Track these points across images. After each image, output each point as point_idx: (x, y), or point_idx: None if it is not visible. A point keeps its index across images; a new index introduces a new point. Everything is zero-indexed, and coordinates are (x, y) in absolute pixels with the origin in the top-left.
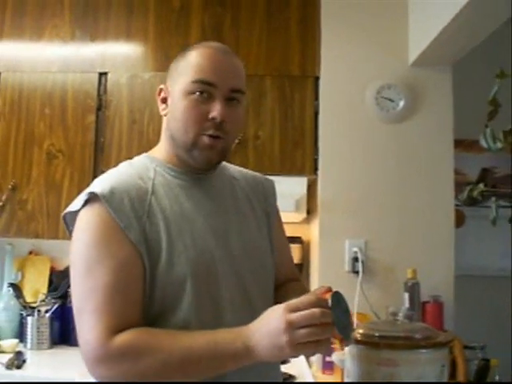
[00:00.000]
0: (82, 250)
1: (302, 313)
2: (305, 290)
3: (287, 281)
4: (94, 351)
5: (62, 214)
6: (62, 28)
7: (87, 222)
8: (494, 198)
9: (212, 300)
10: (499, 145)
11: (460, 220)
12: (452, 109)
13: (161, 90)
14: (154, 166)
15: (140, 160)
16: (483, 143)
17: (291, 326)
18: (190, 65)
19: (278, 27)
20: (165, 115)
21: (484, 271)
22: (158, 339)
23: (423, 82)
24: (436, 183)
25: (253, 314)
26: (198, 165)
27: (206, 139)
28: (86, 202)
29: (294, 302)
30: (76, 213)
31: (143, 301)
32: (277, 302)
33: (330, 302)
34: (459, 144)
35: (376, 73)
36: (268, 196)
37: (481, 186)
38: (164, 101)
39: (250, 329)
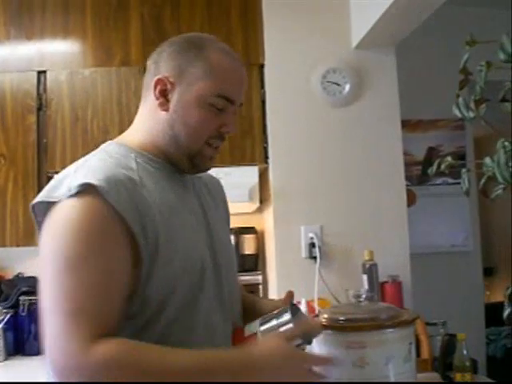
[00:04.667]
0: (64, 244)
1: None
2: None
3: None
4: (72, 359)
5: (32, 202)
6: None
7: (76, 214)
8: (464, 170)
9: (205, 294)
10: (471, 114)
11: (411, 199)
12: (397, 89)
13: (159, 81)
14: (134, 157)
15: (115, 150)
16: (456, 113)
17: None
18: (212, 72)
19: (219, 16)
20: (164, 110)
21: (436, 248)
22: (146, 355)
23: (368, 64)
24: (386, 164)
25: (225, 311)
26: (193, 170)
27: (210, 150)
28: (75, 194)
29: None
30: (52, 204)
31: (138, 300)
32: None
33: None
34: (404, 125)
35: (320, 57)
36: (224, 195)
37: (449, 158)
38: (163, 94)
39: (257, 361)
